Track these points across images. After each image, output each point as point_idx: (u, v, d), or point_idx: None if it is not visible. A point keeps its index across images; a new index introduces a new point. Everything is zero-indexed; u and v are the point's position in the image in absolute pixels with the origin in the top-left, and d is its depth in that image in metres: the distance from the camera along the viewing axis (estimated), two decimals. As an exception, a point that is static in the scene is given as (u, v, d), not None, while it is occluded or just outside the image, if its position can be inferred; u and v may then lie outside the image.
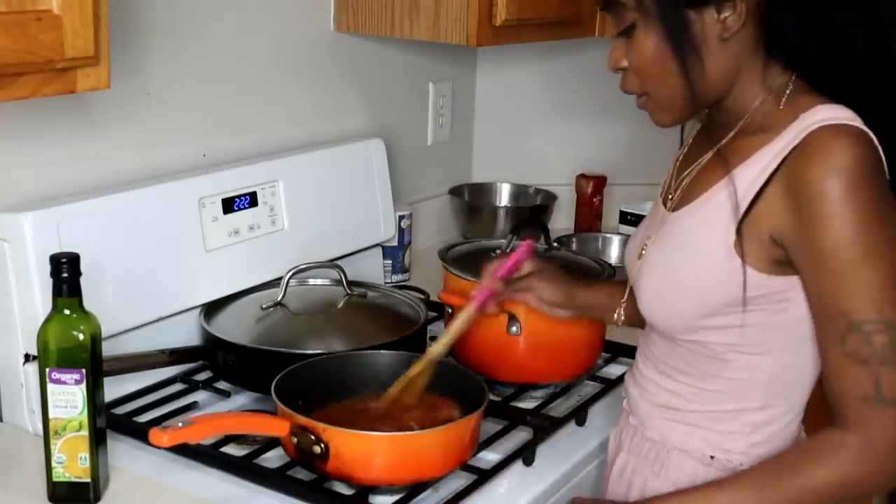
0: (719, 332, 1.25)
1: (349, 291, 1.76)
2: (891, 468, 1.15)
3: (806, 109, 1.17)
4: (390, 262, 2.16)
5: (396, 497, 1.33)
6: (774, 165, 1.17)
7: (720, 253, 1.20)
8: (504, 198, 2.60)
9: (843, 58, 1.19)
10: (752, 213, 1.18)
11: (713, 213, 1.22)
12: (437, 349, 1.46)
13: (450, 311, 1.68)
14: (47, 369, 1.26)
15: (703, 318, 1.25)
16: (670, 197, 1.34)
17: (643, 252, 1.34)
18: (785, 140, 1.17)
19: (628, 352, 1.82)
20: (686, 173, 1.32)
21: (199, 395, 1.63)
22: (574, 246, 2.32)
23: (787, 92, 1.21)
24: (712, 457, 1.30)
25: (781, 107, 1.20)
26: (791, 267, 1.18)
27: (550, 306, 1.54)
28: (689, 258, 1.25)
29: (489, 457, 1.46)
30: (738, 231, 1.19)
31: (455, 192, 2.49)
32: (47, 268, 1.25)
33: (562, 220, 2.57)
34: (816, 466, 1.16)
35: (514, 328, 1.61)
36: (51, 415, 1.27)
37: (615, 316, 1.49)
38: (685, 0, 1.17)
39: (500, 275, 1.50)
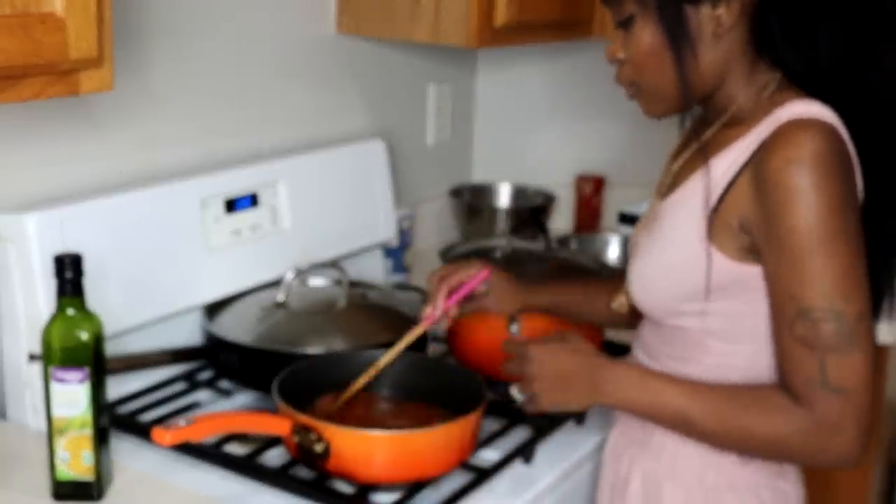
0: (698, 317, 1.27)
1: (350, 291, 1.77)
2: (827, 450, 1.18)
3: (782, 105, 1.21)
4: (391, 262, 2.16)
5: (397, 495, 1.34)
6: (746, 157, 1.21)
7: (694, 240, 1.24)
8: (504, 198, 2.60)
9: (827, 64, 1.22)
10: (723, 202, 1.22)
11: (690, 202, 1.26)
12: (383, 361, 1.48)
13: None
14: (51, 368, 1.26)
15: (680, 303, 1.28)
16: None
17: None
18: (758, 133, 1.21)
19: (628, 352, 1.82)
20: (675, 164, 1.36)
21: (201, 395, 1.64)
22: (574, 246, 2.32)
23: (771, 88, 1.25)
24: None
25: (762, 102, 1.24)
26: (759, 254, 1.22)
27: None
28: (668, 244, 1.29)
29: (489, 455, 1.46)
30: (710, 219, 1.22)
31: (455, 192, 2.50)
32: (51, 268, 1.26)
33: (562, 221, 2.58)
34: (763, 417, 1.20)
35: (514, 328, 1.62)
36: (54, 413, 1.28)
37: (613, 305, 1.48)
38: None
39: (453, 301, 1.49)
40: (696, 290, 1.25)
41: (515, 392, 1.34)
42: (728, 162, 1.23)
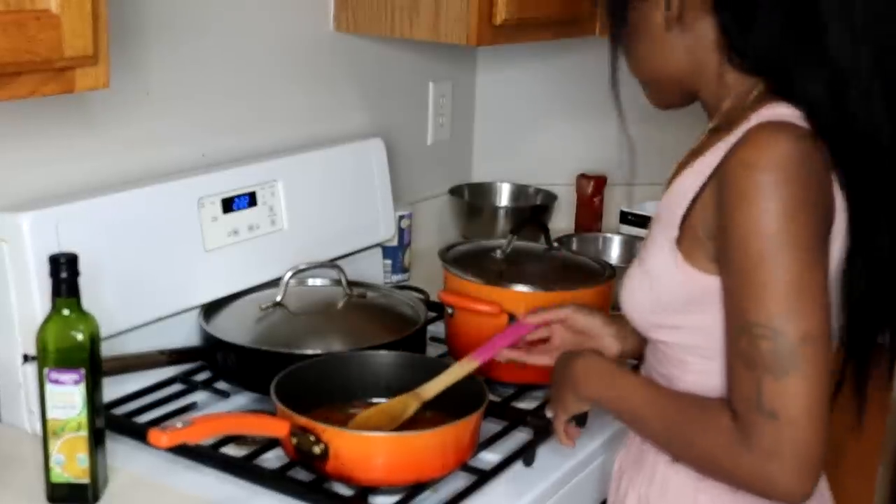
0: (674, 331, 1.23)
1: (349, 291, 1.76)
2: (761, 477, 1.10)
3: (758, 110, 1.15)
4: (390, 262, 2.16)
5: (396, 498, 1.33)
6: (716, 162, 1.14)
7: (666, 249, 1.20)
8: (504, 198, 2.59)
9: (785, 61, 1.15)
10: (692, 210, 1.17)
11: (668, 207, 1.21)
12: (429, 392, 1.43)
13: (449, 311, 1.68)
14: (46, 370, 1.25)
15: (658, 316, 1.24)
16: None
17: None
18: (733, 137, 1.14)
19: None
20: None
21: (199, 396, 1.63)
22: (574, 246, 2.31)
23: (753, 95, 1.18)
24: None
25: (743, 108, 1.18)
26: None
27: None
28: (646, 253, 1.25)
29: (489, 457, 1.45)
30: (681, 228, 1.17)
31: (455, 192, 2.49)
32: (46, 268, 1.25)
33: (562, 220, 2.57)
34: (702, 432, 1.15)
35: (514, 328, 1.61)
36: (49, 415, 1.26)
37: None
38: None
39: (503, 345, 1.49)
40: (669, 301, 1.21)
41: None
42: (700, 168, 1.17)
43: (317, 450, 1.29)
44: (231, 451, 1.44)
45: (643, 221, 2.33)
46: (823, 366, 1.08)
